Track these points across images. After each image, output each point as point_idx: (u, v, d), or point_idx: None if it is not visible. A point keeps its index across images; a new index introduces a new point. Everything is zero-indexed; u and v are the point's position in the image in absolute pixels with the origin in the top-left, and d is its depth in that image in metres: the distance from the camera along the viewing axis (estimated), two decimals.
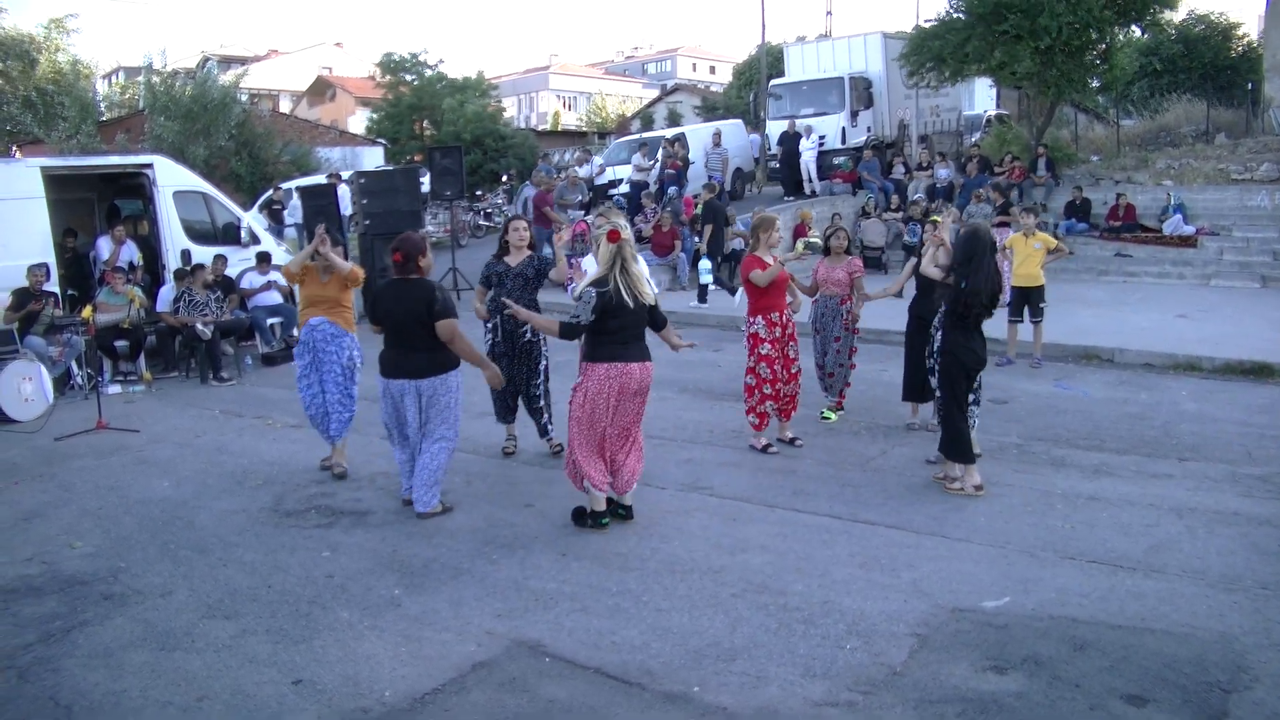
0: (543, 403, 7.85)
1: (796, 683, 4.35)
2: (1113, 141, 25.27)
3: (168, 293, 12.27)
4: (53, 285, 11.45)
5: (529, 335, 7.65)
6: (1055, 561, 5.61)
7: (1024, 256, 11.12)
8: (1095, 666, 4.40)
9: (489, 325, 7.74)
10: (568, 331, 6.08)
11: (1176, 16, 23.04)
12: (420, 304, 6.34)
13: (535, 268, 7.62)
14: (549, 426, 7.95)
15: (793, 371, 7.95)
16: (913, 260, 8.46)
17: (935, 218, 8.70)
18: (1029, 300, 10.99)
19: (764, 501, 6.76)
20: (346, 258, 8.07)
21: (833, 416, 8.81)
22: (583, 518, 6.33)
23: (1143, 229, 18.27)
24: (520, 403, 7.94)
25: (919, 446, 7.92)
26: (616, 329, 6.03)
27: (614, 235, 6.04)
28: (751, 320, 7.85)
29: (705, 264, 15.93)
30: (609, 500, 6.34)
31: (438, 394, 6.48)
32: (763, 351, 7.76)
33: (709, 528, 6.26)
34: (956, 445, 6.75)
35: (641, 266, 6.32)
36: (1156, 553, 5.70)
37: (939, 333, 6.77)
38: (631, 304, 6.00)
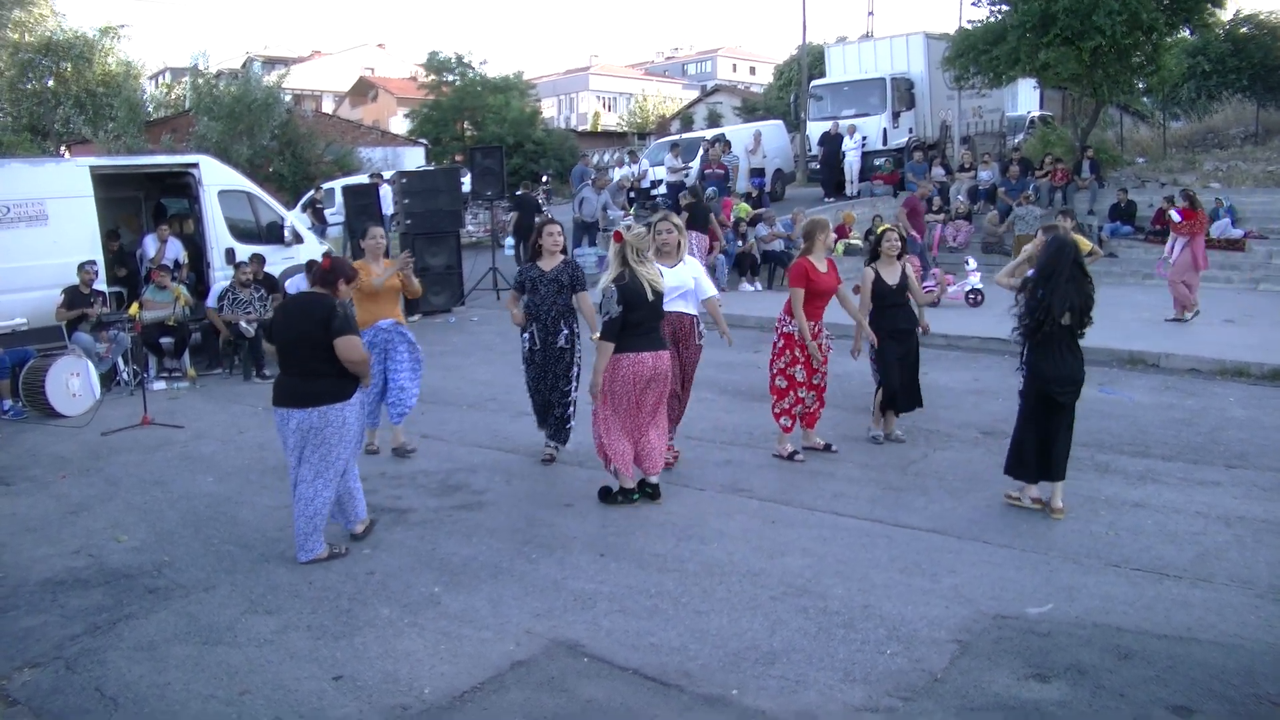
0: (569, 410, 7.66)
1: (836, 687, 4.32)
2: (1159, 143, 24.93)
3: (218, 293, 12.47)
4: (101, 283, 11.64)
5: (563, 342, 7.52)
6: (1099, 569, 5.53)
7: None
8: (1140, 676, 4.34)
9: (525, 332, 7.60)
10: (607, 331, 6.44)
11: (1225, 16, 22.70)
12: (316, 323, 5.66)
13: (570, 274, 7.49)
14: (568, 430, 7.73)
15: (815, 382, 7.77)
16: (869, 273, 8.03)
17: (885, 225, 8.58)
18: None
19: (804, 504, 6.73)
20: (387, 255, 8.25)
21: None
22: (610, 496, 6.76)
23: None
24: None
25: (961, 450, 7.86)
26: (637, 322, 6.47)
27: (617, 236, 6.61)
28: (788, 320, 7.71)
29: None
30: (640, 482, 6.79)
31: (316, 428, 5.70)
32: (799, 355, 7.65)
33: (748, 530, 6.24)
34: (1012, 457, 6.53)
35: (653, 266, 6.71)
36: (1204, 561, 5.61)
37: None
38: (650, 297, 6.48)
